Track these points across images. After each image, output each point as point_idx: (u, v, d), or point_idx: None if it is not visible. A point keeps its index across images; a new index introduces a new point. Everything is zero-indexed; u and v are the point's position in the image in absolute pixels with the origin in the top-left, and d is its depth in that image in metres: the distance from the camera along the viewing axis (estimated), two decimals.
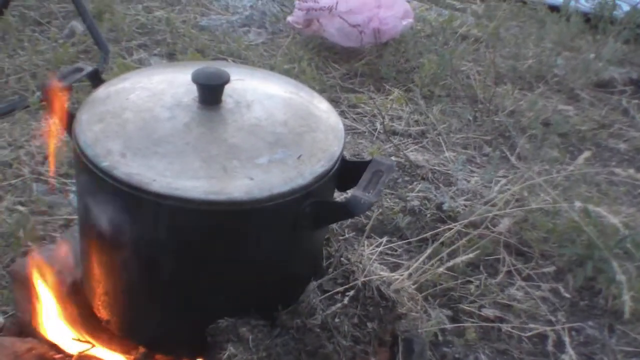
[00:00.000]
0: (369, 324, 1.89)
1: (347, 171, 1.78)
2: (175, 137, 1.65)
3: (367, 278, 1.90)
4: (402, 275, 1.96)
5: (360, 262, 1.96)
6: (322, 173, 1.65)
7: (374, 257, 1.98)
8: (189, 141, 1.64)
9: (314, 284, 1.82)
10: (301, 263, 1.81)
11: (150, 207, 1.56)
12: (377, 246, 2.12)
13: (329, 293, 1.86)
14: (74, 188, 3.28)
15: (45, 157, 3.50)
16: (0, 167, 3.33)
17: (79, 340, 1.98)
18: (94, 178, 1.62)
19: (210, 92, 1.74)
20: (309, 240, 1.79)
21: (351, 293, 1.87)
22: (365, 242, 2.40)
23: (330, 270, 1.92)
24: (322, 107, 1.89)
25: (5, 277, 2.68)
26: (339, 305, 1.84)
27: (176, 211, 1.55)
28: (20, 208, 3.04)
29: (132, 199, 1.56)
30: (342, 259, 1.96)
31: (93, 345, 1.99)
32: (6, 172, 3.30)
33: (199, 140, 1.65)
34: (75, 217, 2.91)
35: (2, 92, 3.89)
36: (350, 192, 1.67)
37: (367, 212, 3.01)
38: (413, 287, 2.28)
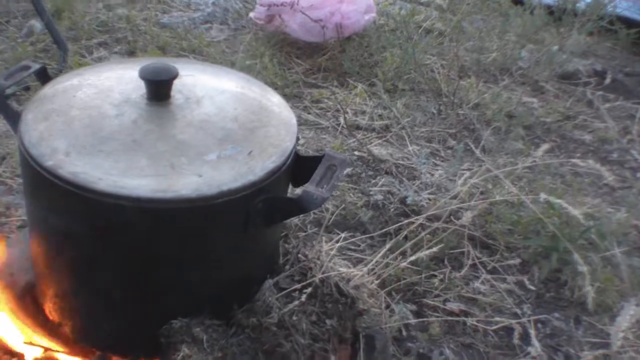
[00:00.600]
0: (328, 322, 1.85)
1: (300, 166, 1.75)
2: (122, 135, 1.61)
3: (325, 274, 1.87)
4: (361, 270, 1.92)
5: (319, 259, 1.92)
6: (273, 169, 1.61)
7: (332, 252, 1.95)
8: (136, 138, 1.60)
9: (269, 282, 1.78)
10: (256, 261, 1.78)
11: (96, 206, 1.51)
12: (337, 241, 2.08)
13: (286, 291, 1.82)
14: None
15: (2, 158, 3.45)
16: None
17: (32, 343, 1.92)
18: (39, 178, 1.57)
19: (158, 88, 1.70)
20: (262, 238, 1.75)
21: (309, 290, 1.84)
22: (324, 238, 2.36)
23: (287, 267, 1.88)
24: (274, 101, 1.85)
25: None
26: (296, 303, 1.80)
27: (123, 210, 1.50)
28: None
29: (78, 198, 1.51)
30: (299, 255, 1.92)
31: (47, 349, 1.94)
32: None
33: (147, 137, 1.61)
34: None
35: None
36: (303, 188, 1.63)
37: (328, 207, 2.98)
38: (375, 282, 2.25)
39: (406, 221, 2.95)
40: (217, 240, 1.62)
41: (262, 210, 1.59)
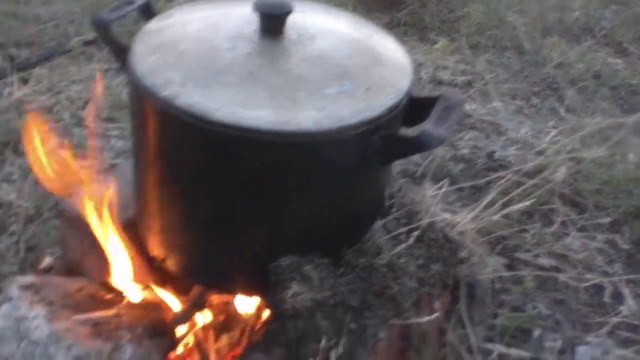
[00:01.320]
0: (433, 266, 1.83)
1: (414, 108, 1.70)
2: (237, 67, 1.58)
3: (431, 219, 1.84)
4: (464, 218, 1.89)
5: (423, 203, 1.89)
6: (391, 106, 1.57)
7: (436, 199, 1.91)
8: (252, 71, 1.57)
9: (379, 223, 1.76)
10: (367, 201, 1.75)
11: (213, 137, 1.49)
12: (439, 189, 2.05)
13: (394, 233, 1.80)
14: (115, 133, 3.25)
15: (85, 102, 3.47)
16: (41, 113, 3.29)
17: (131, 282, 1.93)
18: (152, 109, 1.56)
19: (273, 22, 1.67)
20: (376, 177, 1.72)
21: (416, 233, 1.81)
22: (427, 184, 2.34)
23: (394, 210, 1.85)
24: (387, 42, 1.81)
25: (51, 221, 2.66)
26: (403, 245, 1.78)
27: (241, 142, 1.47)
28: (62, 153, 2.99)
29: (194, 129, 1.49)
30: (404, 199, 1.89)
31: (145, 286, 1.95)
32: (46, 117, 3.27)
33: (263, 70, 1.58)
34: (118, 161, 2.89)
35: (40, 39, 3.85)
36: (419, 128, 1.59)
37: (418, 159, 2.95)
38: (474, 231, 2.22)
39: (495, 175, 2.90)
40: (332, 176, 1.59)
41: (379, 148, 1.56)
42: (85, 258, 2.09)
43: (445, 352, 2.01)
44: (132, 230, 1.95)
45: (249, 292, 1.77)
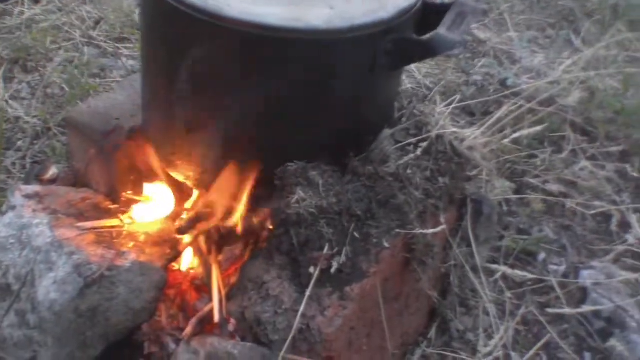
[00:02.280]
0: (441, 179, 1.80)
1: (428, 15, 1.66)
2: None
3: (441, 131, 1.80)
4: (474, 133, 1.86)
5: (433, 116, 1.85)
6: (405, 8, 1.54)
7: (446, 114, 1.88)
8: None
9: (387, 132, 1.72)
10: (376, 108, 1.71)
11: (224, 34, 1.46)
12: (449, 105, 2.01)
13: (402, 143, 1.77)
14: (126, 52, 3.22)
15: (96, 22, 3.44)
16: (52, 31, 3.26)
17: (130, 191, 1.91)
18: (162, 8, 1.52)
19: None
20: (386, 82, 1.68)
21: (424, 145, 1.78)
22: (438, 99, 2.30)
23: (403, 120, 1.82)
24: None
25: (58, 137, 2.64)
26: (411, 156, 1.74)
27: (251, 38, 1.44)
28: (75, 71, 2.99)
29: (205, 26, 1.46)
30: (414, 110, 1.85)
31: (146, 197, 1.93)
32: (58, 36, 3.24)
33: None
34: (132, 76, 2.85)
35: None
36: (433, 32, 1.55)
37: (426, 83, 2.91)
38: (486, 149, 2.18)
39: (507, 100, 2.87)
40: (342, 79, 1.56)
41: (391, 51, 1.52)
42: (90, 169, 2.07)
43: (449, 268, 2.00)
44: (138, 138, 1.94)
45: (256, 198, 1.74)
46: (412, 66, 3.04)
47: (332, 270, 1.59)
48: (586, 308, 2.20)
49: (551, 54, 3.38)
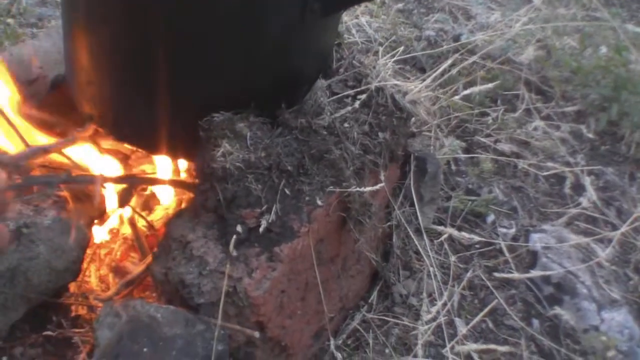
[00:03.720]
0: (381, 134, 1.69)
1: None
2: None
3: (381, 83, 1.69)
4: (418, 86, 1.75)
5: (374, 67, 1.74)
6: None
7: (388, 66, 1.77)
8: None
9: (322, 82, 1.61)
10: (309, 57, 1.60)
11: None
12: (392, 56, 1.90)
13: (338, 95, 1.66)
14: None
15: None
16: None
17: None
18: None
19: None
20: (318, 30, 1.57)
21: (363, 97, 1.67)
22: (380, 51, 2.19)
23: (341, 71, 1.71)
24: None
25: None
26: (349, 108, 1.64)
27: None
28: (9, 20, 2.85)
29: None
30: (354, 61, 1.74)
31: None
32: None
33: None
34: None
35: None
36: None
37: (377, 38, 2.80)
38: (431, 105, 2.08)
39: (459, 57, 2.76)
40: (270, 24, 1.44)
41: None
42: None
43: (390, 229, 1.90)
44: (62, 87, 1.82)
45: (180, 151, 1.63)
46: (362, 20, 2.92)
47: (261, 229, 1.48)
48: (535, 273, 2.12)
49: (508, 11, 3.28)
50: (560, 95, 2.86)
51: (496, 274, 2.12)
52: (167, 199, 1.93)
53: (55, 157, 1.75)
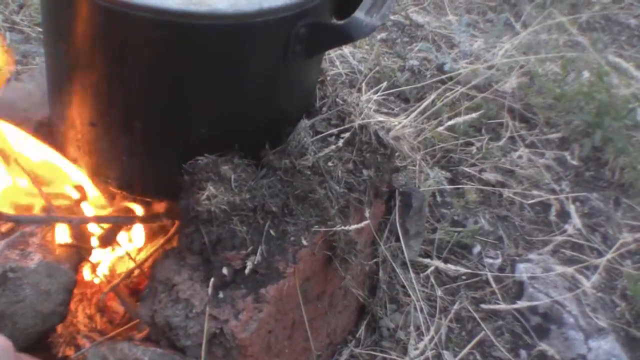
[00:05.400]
0: (365, 172, 1.70)
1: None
2: None
3: (365, 121, 1.71)
4: (401, 122, 1.76)
5: (357, 105, 1.75)
6: None
7: (371, 101, 1.78)
8: None
9: (305, 122, 1.62)
10: (292, 98, 1.61)
11: (122, 20, 1.34)
12: (376, 92, 1.91)
13: (322, 134, 1.67)
14: None
15: (20, 7, 3.32)
16: None
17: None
18: None
19: None
20: (301, 71, 1.58)
21: (346, 136, 1.68)
22: (364, 87, 2.20)
23: (324, 110, 1.72)
24: None
25: None
26: (332, 147, 1.65)
27: (151, 24, 1.33)
28: None
29: (103, 11, 1.34)
30: (337, 99, 1.75)
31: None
32: None
33: None
34: None
35: None
36: (351, 16, 1.45)
37: (361, 69, 2.81)
38: (415, 139, 2.09)
39: (443, 87, 2.78)
40: (252, 67, 1.45)
41: (304, 36, 1.42)
42: None
43: (376, 265, 1.91)
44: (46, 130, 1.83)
45: (165, 195, 1.63)
46: (346, 51, 2.93)
47: (247, 270, 1.49)
48: (522, 304, 2.12)
49: (491, 38, 3.30)
50: (544, 122, 2.88)
51: (483, 306, 2.13)
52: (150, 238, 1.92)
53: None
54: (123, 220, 1.78)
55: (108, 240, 1.76)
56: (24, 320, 1.58)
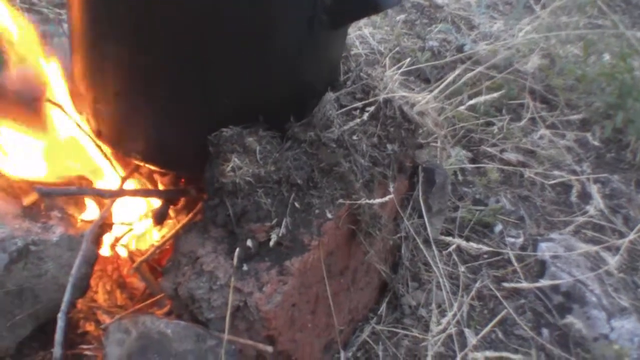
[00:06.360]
0: (389, 146, 1.69)
1: None
2: None
3: (389, 95, 1.69)
4: (425, 97, 1.75)
5: (382, 79, 1.74)
6: None
7: (395, 77, 1.77)
8: None
9: (331, 95, 1.60)
10: (318, 69, 1.60)
11: None
12: (399, 68, 1.90)
13: (347, 108, 1.65)
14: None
15: None
16: None
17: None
18: None
19: None
20: (327, 42, 1.56)
21: (371, 109, 1.66)
22: (387, 62, 2.18)
23: (349, 84, 1.70)
24: None
25: None
26: (357, 121, 1.63)
27: None
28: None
29: None
30: (361, 74, 1.74)
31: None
32: None
33: None
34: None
35: None
36: None
37: (381, 49, 2.80)
38: (438, 115, 2.08)
39: (463, 67, 2.76)
40: (278, 35, 1.44)
41: (331, 5, 1.40)
42: None
43: (399, 241, 1.89)
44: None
45: (189, 167, 1.62)
46: (366, 31, 2.92)
47: (271, 243, 1.48)
48: (544, 282, 2.11)
49: (510, 20, 3.28)
50: (564, 104, 2.86)
51: (505, 284, 2.12)
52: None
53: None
54: (154, 194, 1.77)
55: (163, 216, 1.76)
56: (45, 294, 1.59)
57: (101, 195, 1.68)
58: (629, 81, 2.76)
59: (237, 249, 1.45)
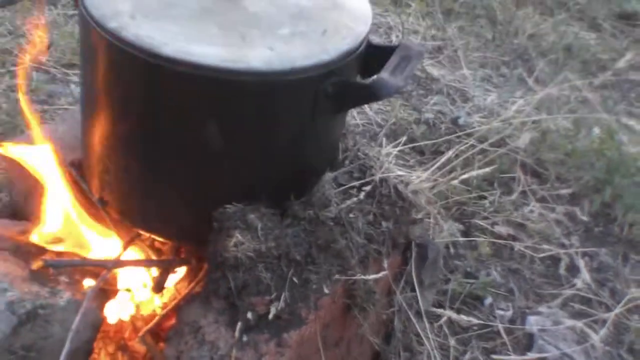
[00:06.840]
0: (384, 223, 1.77)
1: (372, 57, 1.63)
2: (189, 1, 1.51)
3: (385, 175, 1.77)
4: (420, 176, 1.83)
5: (378, 159, 1.82)
6: (347, 51, 1.51)
7: (391, 156, 1.85)
8: (206, 6, 1.50)
9: (329, 175, 1.69)
10: (318, 152, 1.68)
11: (159, 73, 1.41)
12: (395, 146, 1.99)
13: (344, 187, 1.73)
14: (75, 78, 3.17)
15: (47, 47, 3.39)
16: (0, 55, 3.21)
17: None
18: (99, 42, 1.48)
19: None
20: (327, 126, 1.65)
21: (367, 189, 1.74)
22: (384, 141, 2.27)
23: (347, 163, 1.79)
24: None
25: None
26: (354, 199, 1.71)
27: (188, 78, 1.40)
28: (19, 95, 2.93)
29: (141, 63, 1.41)
30: (359, 153, 1.82)
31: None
32: (6, 59, 3.19)
33: (217, 6, 1.52)
34: (76, 106, 2.81)
35: None
36: (376, 76, 1.52)
37: (378, 120, 2.89)
38: (432, 192, 2.16)
39: (457, 140, 2.85)
40: (282, 122, 1.53)
41: (332, 94, 1.49)
42: (27, 202, 2.01)
43: (392, 313, 1.96)
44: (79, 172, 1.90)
45: (192, 240, 1.70)
46: None
47: (270, 316, 1.55)
48: (532, 355, 2.17)
49: (504, 92, 3.38)
50: (555, 178, 2.95)
51: (494, 356, 2.18)
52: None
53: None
54: (155, 264, 1.84)
55: (161, 284, 1.82)
56: (51, 356, 1.62)
57: (104, 267, 1.74)
58: (616, 157, 2.85)
59: (239, 322, 1.52)
